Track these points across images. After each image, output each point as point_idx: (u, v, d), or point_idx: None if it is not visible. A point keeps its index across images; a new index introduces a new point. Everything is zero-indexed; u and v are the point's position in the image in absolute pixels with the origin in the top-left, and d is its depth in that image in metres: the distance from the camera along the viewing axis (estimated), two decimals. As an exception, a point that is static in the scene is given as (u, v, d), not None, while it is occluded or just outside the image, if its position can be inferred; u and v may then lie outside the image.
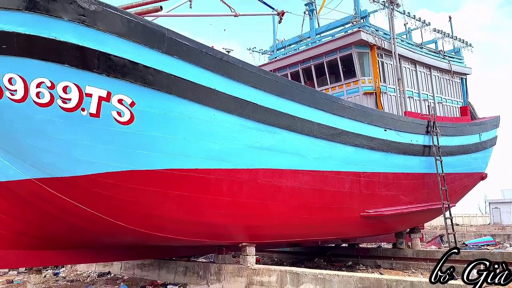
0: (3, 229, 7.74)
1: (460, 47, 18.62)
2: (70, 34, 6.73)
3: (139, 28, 7.23)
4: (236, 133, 8.59)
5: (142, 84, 7.23)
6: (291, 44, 17.09)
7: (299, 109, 9.73)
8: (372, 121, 11.77)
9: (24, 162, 7.38)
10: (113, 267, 12.63)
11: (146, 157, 7.48)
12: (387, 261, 14.08)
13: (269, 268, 9.06)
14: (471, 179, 16.47)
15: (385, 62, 14.38)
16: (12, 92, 6.82)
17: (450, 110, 17.13)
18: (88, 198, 7.52)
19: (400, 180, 12.83)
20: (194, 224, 8.40)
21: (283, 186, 9.50)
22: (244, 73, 8.72)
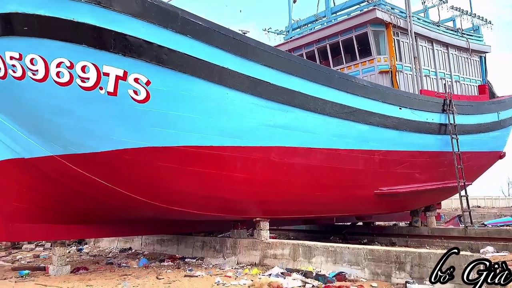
0: (28, 204, 8.16)
1: (479, 24, 18.29)
2: (87, 16, 7.02)
3: (154, 8, 7.46)
4: (249, 112, 8.80)
5: (157, 63, 7.48)
6: (306, 24, 17.07)
7: (312, 87, 9.86)
8: (386, 100, 11.81)
9: (46, 139, 7.77)
10: (134, 243, 13.10)
11: (162, 134, 7.77)
12: (402, 238, 14.20)
13: (282, 242, 9.35)
14: (489, 157, 16.35)
15: (401, 41, 14.28)
16: (34, 72, 7.17)
17: (468, 88, 16.94)
18: (108, 174, 7.88)
19: (415, 158, 12.87)
20: (209, 199, 8.69)
21: (296, 164, 9.70)
22: (256, 52, 8.88)
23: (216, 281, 7.54)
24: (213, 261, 9.71)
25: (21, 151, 7.99)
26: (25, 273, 8.72)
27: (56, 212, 8.55)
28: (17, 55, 7.14)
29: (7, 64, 7.21)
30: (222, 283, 7.44)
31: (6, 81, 7.33)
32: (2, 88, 7.45)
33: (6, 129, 7.87)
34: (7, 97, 7.53)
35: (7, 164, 7.97)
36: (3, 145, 7.99)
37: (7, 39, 7.11)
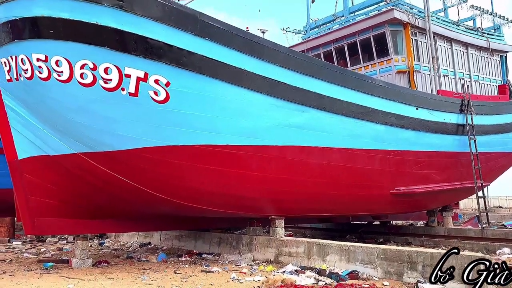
0: (53, 199, 8.51)
1: (500, 24, 18.11)
2: (109, 19, 7.30)
3: (173, 12, 7.70)
4: (266, 112, 9.00)
5: (176, 65, 7.72)
6: (324, 24, 17.17)
7: (328, 88, 10.00)
8: (403, 100, 11.86)
9: (71, 137, 8.09)
10: (153, 238, 13.45)
11: (181, 133, 8.02)
12: (418, 238, 14.20)
13: (297, 240, 9.53)
14: (508, 158, 16.21)
15: (419, 40, 14.27)
16: (59, 73, 7.49)
17: (487, 88, 16.80)
18: (128, 171, 8.17)
19: (432, 158, 12.89)
20: (225, 196, 8.92)
21: (311, 163, 9.86)
22: (273, 54, 9.06)
23: (232, 277, 7.76)
24: (229, 257, 9.94)
25: (46, 149, 8.33)
26: (49, 265, 9.09)
27: (78, 207, 8.88)
28: (43, 57, 7.47)
29: (34, 65, 7.54)
30: (237, 279, 7.66)
31: (32, 82, 7.67)
32: (29, 88, 7.80)
33: (33, 127, 8.23)
34: (34, 96, 7.88)
35: (33, 161, 8.32)
36: (30, 142, 8.35)
37: (34, 41, 7.45)
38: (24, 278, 7.77)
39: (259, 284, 7.12)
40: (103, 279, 7.67)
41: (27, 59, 7.56)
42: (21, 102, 8.15)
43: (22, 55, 7.58)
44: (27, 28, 7.42)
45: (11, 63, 7.80)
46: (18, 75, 7.81)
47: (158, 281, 7.41)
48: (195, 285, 7.10)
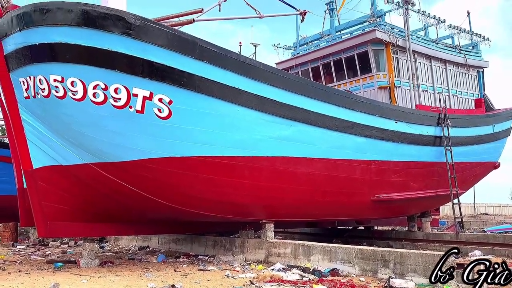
0: (65, 204, 9.42)
1: (477, 41, 19.34)
2: (119, 45, 8.28)
3: (176, 38, 8.70)
4: (257, 126, 10.00)
5: (178, 86, 8.71)
6: (312, 41, 18.28)
7: (313, 104, 11.01)
8: (383, 114, 12.92)
9: (82, 149, 9.04)
10: (151, 242, 14.35)
11: (181, 146, 9.00)
12: (399, 242, 15.23)
13: (284, 242, 10.52)
14: (483, 168, 17.37)
15: (400, 58, 15.42)
16: (74, 93, 8.45)
17: (465, 102, 17.98)
18: (134, 180, 9.12)
19: (410, 168, 13.96)
20: (221, 202, 9.89)
21: (299, 172, 10.86)
22: (263, 74, 10.07)
23: (226, 274, 8.71)
24: (223, 258, 10.87)
25: (59, 159, 9.25)
26: (60, 265, 9.96)
27: (86, 212, 9.80)
28: (59, 78, 8.41)
29: (51, 85, 8.48)
30: (231, 275, 8.60)
31: (49, 100, 8.61)
32: (46, 105, 8.74)
33: (47, 139, 9.16)
34: (50, 113, 8.82)
35: (47, 170, 9.23)
36: (44, 153, 9.26)
37: (52, 64, 8.39)
38: (39, 275, 8.65)
39: (250, 279, 8.07)
40: (111, 276, 8.58)
41: (45, 79, 8.49)
42: (37, 117, 9.08)
43: (40, 75, 8.51)
44: (46, 53, 8.34)
45: (29, 83, 8.73)
46: (35, 93, 8.74)
47: (161, 277, 8.34)
48: (194, 281, 8.03)
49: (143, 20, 8.40)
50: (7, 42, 8.72)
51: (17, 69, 8.73)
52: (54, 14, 8.14)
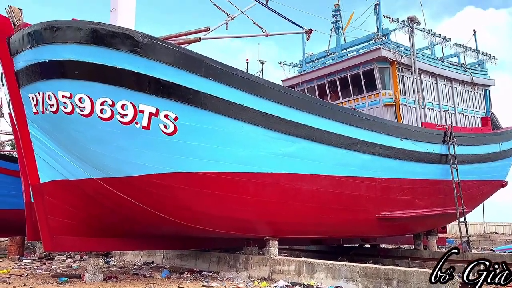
0: (71, 219, 9.51)
1: (483, 60, 19.41)
2: (127, 63, 8.44)
3: (182, 56, 8.86)
4: (261, 142, 10.08)
5: (184, 102, 8.84)
6: (318, 58, 18.47)
7: (318, 121, 11.09)
8: (388, 131, 12.97)
9: (89, 164, 9.15)
10: (156, 257, 14.36)
11: (186, 161, 9.09)
12: (405, 260, 15.14)
13: (288, 259, 10.50)
14: (490, 186, 17.29)
15: (405, 76, 15.53)
16: (81, 109, 8.60)
17: (471, 120, 18.00)
18: (139, 195, 9.20)
19: (415, 185, 13.94)
20: (224, 218, 9.93)
21: (303, 189, 10.89)
22: (268, 91, 10.19)
23: (229, 290, 8.72)
24: (227, 275, 10.87)
25: (66, 174, 9.37)
26: (64, 279, 10.02)
27: (91, 226, 9.87)
28: (68, 94, 8.57)
29: (60, 101, 8.64)
30: (234, 292, 8.62)
31: (57, 115, 8.76)
32: (54, 120, 8.89)
33: (54, 154, 9.29)
34: (58, 128, 8.97)
35: (54, 184, 9.35)
36: (51, 168, 9.39)
37: (61, 81, 8.55)
38: (44, 289, 8.72)
39: (253, 296, 8.08)
40: (115, 290, 8.63)
41: (53, 95, 8.66)
42: (45, 132, 9.23)
43: (49, 92, 8.68)
44: (55, 69, 8.51)
45: (39, 99, 8.90)
46: (44, 109, 8.91)
47: (164, 293, 8.37)
48: (197, 296, 8.06)
49: (151, 38, 8.57)
50: (18, 59, 8.92)
51: (27, 85, 8.91)
52: (64, 32, 8.34)
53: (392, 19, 15.29)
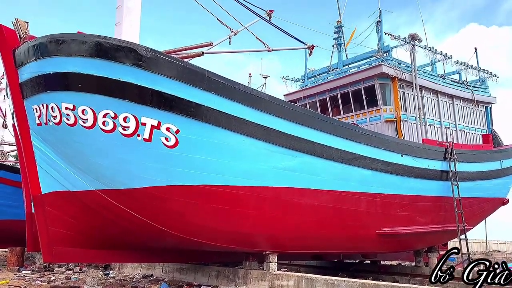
0: (71, 230, 9.52)
1: (484, 77, 19.53)
2: (130, 76, 8.53)
3: (185, 70, 8.96)
4: (262, 156, 10.12)
5: (185, 115, 8.91)
6: (320, 74, 18.62)
7: (319, 135, 11.14)
8: (388, 147, 13.00)
9: (90, 176, 9.20)
10: (155, 271, 14.31)
11: (187, 174, 9.13)
12: (405, 277, 15.06)
13: (288, 274, 10.47)
14: (491, 203, 17.26)
15: (406, 92, 15.64)
16: (84, 121, 8.68)
17: (472, 137, 18.06)
18: (140, 207, 9.22)
19: (416, 202, 13.93)
20: (225, 232, 9.93)
21: (303, 203, 10.90)
22: (270, 105, 10.26)
23: (228, 304, 8.69)
24: (226, 289, 10.85)
25: (68, 185, 9.40)
26: (63, 291, 10.02)
27: (92, 238, 9.88)
28: (71, 106, 8.65)
29: (63, 113, 8.73)
30: (232, 306, 8.59)
31: (60, 127, 8.84)
32: (57, 132, 8.96)
33: (56, 166, 9.34)
34: (60, 139, 9.03)
35: (55, 195, 9.38)
36: (53, 179, 9.44)
37: (64, 93, 8.63)
38: (42, 300, 8.70)
39: (251, 311, 8.05)
40: (113, 303, 8.60)
41: (57, 107, 8.74)
42: (47, 144, 9.29)
43: (53, 103, 8.77)
44: (59, 81, 8.60)
45: (42, 110, 8.99)
46: (47, 120, 8.99)
47: (162, 306, 8.34)
48: (195, 310, 8.03)
49: (154, 52, 8.68)
50: (23, 71, 9.03)
51: (31, 96, 9.00)
52: (69, 45, 8.45)
53: (394, 36, 15.46)
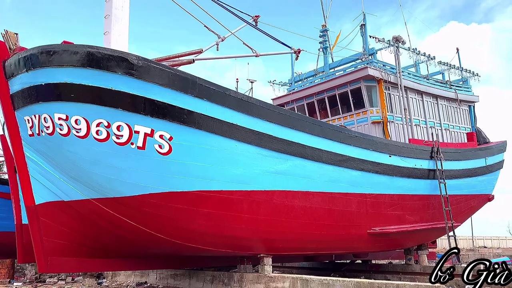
0: (66, 240, 9.55)
1: (467, 77, 19.94)
2: (123, 85, 8.60)
3: (176, 78, 9.06)
4: (254, 160, 10.25)
5: (178, 122, 9.01)
6: (307, 77, 18.84)
7: (309, 139, 11.32)
8: (377, 148, 13.24)
9: (84, 185, 9.24)
10: (149, 278, 14.32)
11: (181, 181, 9.22)
12: (396, 275, 15.28)
13: (283, 276, 10.59)
14: (477, 200, 17.62)
15: (392, 94, 15.92)
16: (77, 130, 8.72)
17: (457, 136, 18.42)
18: (135, 215, 9.28)
19: (405, 201, 14.18)
20: (219, 236, 10.03)
21: (296, 206, 11.06)
22: (260, 110, 10.41)
23: (225, 308, 8.79)
24: (221, 293, 10.93)
25: (61, 195, 9.43)
26: (58, 301, 10.01)
27: (86, 247, 9.91)
28: (64, 116, 8.69)
29: (55, 123, 8.76)
30: (230, 309, 8.69)
31: (53, 137, 8.87)
32: (50, 142, 8.99)
33: (50, 176, 9.37)
34: (53, 150, 9.06)
35: (49, 205, 9.40)
36: (46, 189, 9.46)
37: (57, 103, 8.67)
38: (39, 311, 8.69)
39: (249, 313, 8.16)
40: (111, 311, 8.64)
41: (49, 118, 8.77)
42: (40, 154, 9.31)
43: (45, 114, 8.79)
44: (51, 92, 8.63)
45: (34, 121, 9.00)
46: (40, 131, 9.01)
47: (161, 312, 8.41)
48: (193, 315, 8.11)
49: (145, 60, 8.77)
50: (13, 82, 9.04)
51: (23, 107, 9.01)
52: (60, 56, 8.49)
53: (378, 39, 15.72)
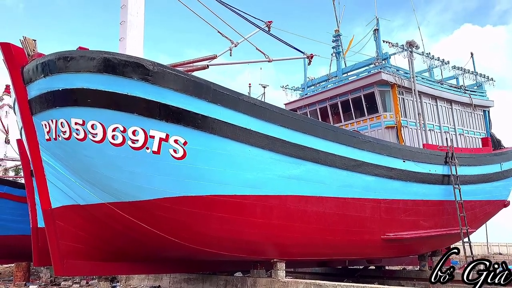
0: (81, 243, 9.65)
1: (481, 81, 19.79)
2: (138, 90, 8.71)
3: (191, 83, 9.15)
4: (268, 165, 10.28)
5: (192, 127, 9.08)
6: (320, 82, 18.85)
7: (322, 143, 11.32)
8: (391, 153, 13.18)
9: (100, 189, 9.34)
10: (162, 282, 14.39)
11: (195, 185, 9.28)
12: (410, 282, 15.18)
13: (296, 281, 10.58)
14: (493, 206, 17.42)
15: (405, 99, 15.85)
16: (94, 135, 8.84)
17: (471, 141, 18.26)
18: (150, 219, 9.36)
19: (419, 206, 14.09)
20: (233, 241, 10.06)
21: (309, 211, 11.05)
22: (274, 115, 10.44)
23: (239, 313, 8.81)
24: (235, 298, 10.94)
25: (77, 199, 9.55)
26: (73, 304, 10.12)
27: (102, 250, 10.00)
28: (80, 121, 8.82)
29: (72, 128, 8.89)
30: (243, 314, 8.70)
31: (70, 142, 9.00)
32: (66, 147, 9.12)
33: (66, 180, 9.49)
34: (70, 154, 9.19)
35: (65, 209, 9.52)
36: (62, 193, 9.58)
37: (74, 108, 8.80)
38: (55, 314, 8.79)
39: (263, 318, 8.17)
40: (125, 314, 8.70)
41: (66, 122, 8.90)
42: (57, 158, 9.44)
43: (62, 119, 8.93)
44: (68, 97, 8.77)
45: (51, 126, 9.14)
46: (57, 135, 9.15)
47: (175, 316, 8.45)
48: (207, 319, 8.14)
49: (160, 66, 8.87)
50: (31, 88, 9.20)
51: (40, 112, 9.16)
52: (77, 62, 8.63)
53: (391, 43, 15.70)
